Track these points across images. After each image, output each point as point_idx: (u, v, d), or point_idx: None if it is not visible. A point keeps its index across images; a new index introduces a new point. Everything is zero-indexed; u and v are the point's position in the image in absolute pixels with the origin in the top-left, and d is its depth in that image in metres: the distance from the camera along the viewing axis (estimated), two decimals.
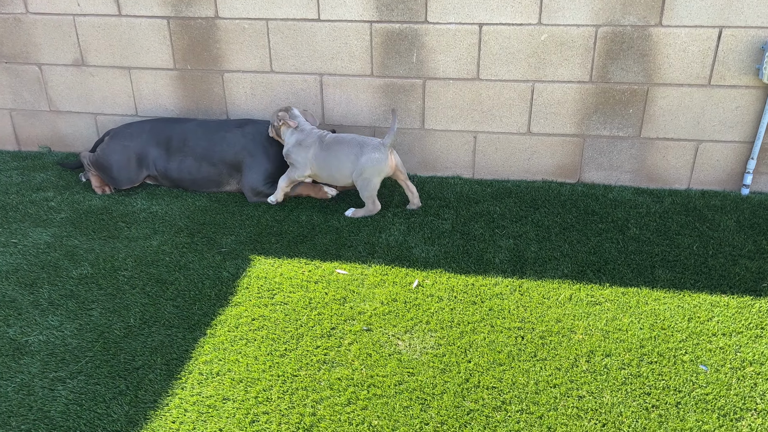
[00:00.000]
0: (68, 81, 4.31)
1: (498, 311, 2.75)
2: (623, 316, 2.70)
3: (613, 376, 2.37)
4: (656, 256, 3.15)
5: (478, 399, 2.27)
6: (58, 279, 3.00)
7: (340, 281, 2.98)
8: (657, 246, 3.24)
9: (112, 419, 2.19)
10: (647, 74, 3.64)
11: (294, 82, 4.03)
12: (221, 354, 2.51)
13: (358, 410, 2.23)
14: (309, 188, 3.82)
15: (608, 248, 3.22)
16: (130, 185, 3.90)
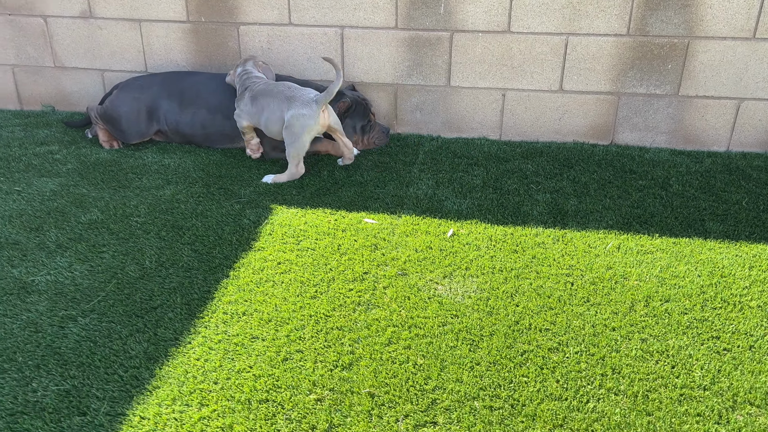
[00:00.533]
0: (75, 34, 4.10)
1: (542, 259, 2.55)
2: (678, 264, 2.50)
3: (676, 320, 2.17)
4: (704, 210, 2.96)
5: (531, 341, 2.07)
6: (65, 223, 2.78)
7: (369, 230, 2.78)
8: (703, 201, 3.05)
9: (130, 355, 1.98)
10: (688, 26, 3.46)
11: (313, 36, 3.83)
12: (246, 295, 2.30)
13: (400, 349, 2.02)
14: (328, 145, 3.63)
15: (651, 203, 3.03)
16: (139, 139, 3.69)
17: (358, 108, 3.63)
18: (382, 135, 3.75)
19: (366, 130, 3.68)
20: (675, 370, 1.94)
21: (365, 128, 3.67)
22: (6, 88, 4.34)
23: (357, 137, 3.66)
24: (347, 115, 3.60)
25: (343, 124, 3.62)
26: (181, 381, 1.88)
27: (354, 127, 3.63)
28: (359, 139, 3.67)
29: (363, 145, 3.71)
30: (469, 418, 1.75)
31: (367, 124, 3.67)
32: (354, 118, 3.62)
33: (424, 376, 1.91)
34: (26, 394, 1.82)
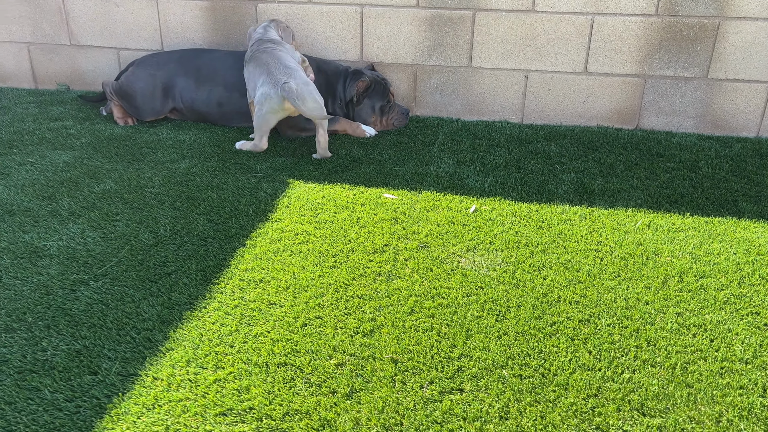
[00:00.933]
0: (91, 12, 4.06)
1: (569, 235, 2.46)
2: (712, 242, 2.40)
3: (712, 296, 2.07)
4: (736, 191, 2.86)
5: (560, 312, 1.98)
6: (78, 193, 2.72)
7: (388, 205, 2.69)
8: (735, 183, 2.94)
9: (143, 318, 1.91)
10: (719, 6, 3.36)
11: (333, 14, 3.76)
12: (263, 263, 2.22)
13: (423, 318, 1.93)
14: (346, 125, 3.55)
15: (681, 184, 2.93)
16: (154, 117, 3.63)
17: (377, 88, 3.55)
18: (402, 116, 3.67)
19: (385, 111, 3.60)
20: (714, 344, 1.84)
21: (384, 109, 3.59)
22: (21, 67, 4.30)
23: (375, 117, 3.58)
24: (366, 94, 3.53)
25: (361, 104, 3.54)
26: (196, 344, 1.80)
27: (373, 107, 3.55)
28: (377, 120, 3.59)
29: (381, 126, 3.63)
30: (498, 385, 1.66)
31: (386, 104, 3.59)
32: (373, 98, 3.55)
33: (449, 344, 1.82)
34: (36, 353, 1.75)
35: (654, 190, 2.86)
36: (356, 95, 3.52)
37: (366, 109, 3.56)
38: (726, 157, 3.27)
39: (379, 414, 1.56)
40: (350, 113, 3.60)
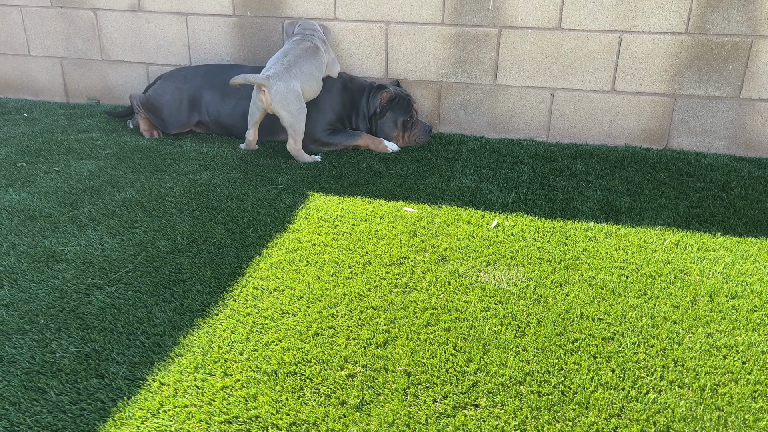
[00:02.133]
0: (123, 27, 4.14)
1: (593, 252, 2.38)
2: (744, 263, 2.30)
3: (745, 317, 1.97)
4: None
5: (582, 329, 1.90)
6: (99, 200, 2.74)
7: (407, 218, 2.65)
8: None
9: (154, 323, 1.88)
10: (752, 24, 3.28)
11: (358, 31, 3.78)
12: (279, 273, 2.19)
13: (439, 331, 1.87)
14: (368, 140, 3.53)
15: (711, 204, 2.83)
16: (179, 129, 3.66)
17: (401, 102, 3.53)
18: (424, 133, 3.64)
19: (407, 126, 3.58)
20: (746, 366, 1.74)
21: (407, 124, 3.57)
22: (54, 81, 4.40)
23: (398, 132, 3.56)
24: (389, 107, 3.51)
25: (384, 117, 3.52)
26: (205, 350, 1.77)
27: (395, 121, 3.53)
28: (399, 135, 3.57)
29: (403, 142, 3.60)
30: (515, 402, 1.59)
31: (408, 119, 3.57)
32: (396, 112, 3.53)
33: (465, 359, 1.75)
34: (44, 354, 1.73)
35: (683, 209, 2.76)
36: (380, 107, 3.50)
37: (388, 123, 3.54)
38: (760, 178, 3.16)
39: (389, 427, 1.50)
40: (373, 128, 3.58)
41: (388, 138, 3.56)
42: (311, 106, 3.46)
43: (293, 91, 3.16)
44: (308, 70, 3.29)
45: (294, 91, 3.16)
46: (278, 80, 3.12)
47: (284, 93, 3.13)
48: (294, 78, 3.19)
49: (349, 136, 3.53)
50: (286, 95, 3.14)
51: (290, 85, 3.16)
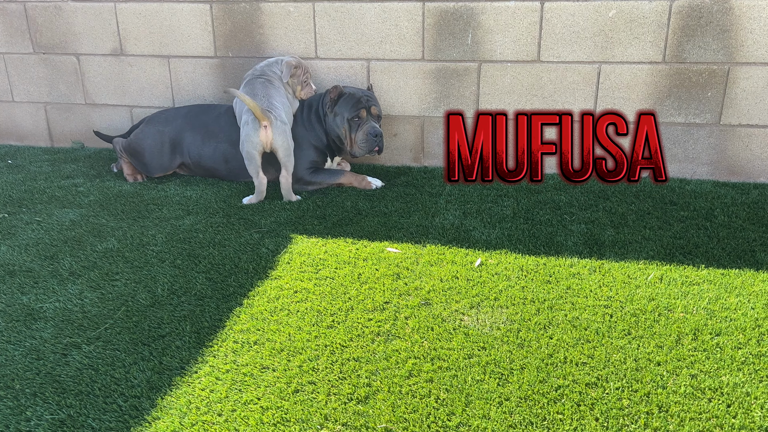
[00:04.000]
0: (105, 71, 4.16)
1: (577, 290, 2.36)
2: (728, 296, 2.29)
3: (729, 355, 1.95)
4: (754, 241, 2.75)
5: (566, 375, 1.87)
6: (81, 252, 2.71)
7: (391, 259, 2.64)
8: (752, 232, 2.83)
9: (131, 384, 1.85)
10: (728, 52, 3.31)
11: (339, 69, 3.80)
12: (259, 324, 2.16)
13: (421, 382, 1.85)
14: (351, 177, 3.53)
15: (695, 234, 2.83)
16: (162, 173, 3.66)
17: (349, 99, 3.42)
18: (368, 137, 3.38)
19: (353, 126, 3.42)
20: (731, 410, 1.72)
21: (353, 123, 3.41)
22: (38, 126, 4.40)
23: (346, 132, 3.43)
24: (336, 102, 3.45)
25: (333, 113, 3.46)
26: (183, 412, 1.74)
27: (342, 117, 3.44)
28: (348, 136, 3.45)
29: (350, 146, 3.46)
30: None
31: (355, 118, 3.40)
32: (342, 108, 3.42)
33: (447, 412, 1.73)
34: (19, 423, 1.70)
35: (667, 240, 2.76)
36: (330, 101, 3.45)
37: (337, 120, 3.44)
38: (743, 204, 3.16)
39: None
40: (329, 129, 3.50)
41: (338, 136, 3.51)
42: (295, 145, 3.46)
43: (287, 123, 3.22)
44: (282, 100, 3.33)
45: (287, 124, 3.24)
46: (276, 115, 3.16)
47: (283, 127, 3.21)
48: (282, 112, 3.26)
49: (332, 175, 3.53)
50: (285, 129, 3.22)
51: (283, 118, 3.23)
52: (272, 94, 3.29)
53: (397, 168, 3.88)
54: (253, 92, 3.27)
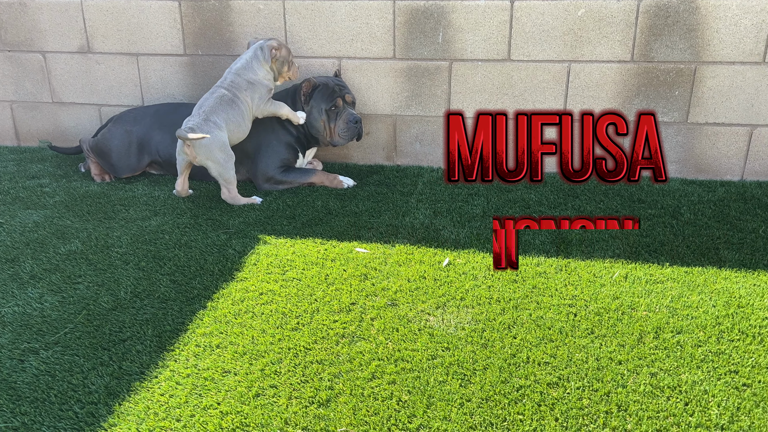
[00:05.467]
0: (73, 69, 4.09)
1: (543, 289, 2.37)
2: (691, 294, 2.31)
3: (689, 353, 1.97)
4: (718, 239, 2.78)
5: (528, 375, 1.88)
6: (43, 254, 2.66)
7: (359, 259, 2.62)
8: (717, 230, 2.87)
9: (89, 390, 1.82)
10: (695, 51, 3.35)
11: (310, 67, 3.77)
12: (223, 327, 2.14)
13: (384, 384, 1.84)
14: (323, 176, 3.51)
15: (662, 231, 2.86)
16: (130, 173, 3.61)
17: (324, 90, 3.42)
18: (349, 125, 3.42)
19: (332, 117, 3.43)
20: (689, 408, 1.73)
21: (330, 114, 3.42)
22: (4, 125, 4.32)
23: (324, 123, 3.44)
24: (311, 96, 3.44)
25: (309, 106, 3.45)
26: (141, 418, 1.71)
27: (320, 110, 3.43)
28: (327, 126, 3.46)
29: (329, 136, 3.47)
30: None
31: (332, 108, 3.41)
32: (318, 101, 3.42)
33: (409, 414, 1.72)
34: None
35: (633, 239, 2.78)
36: (303, 96, 3.43)
37: (314, 113, 3.44)
38: (709, 202, 3.20)
39: None
40: (306, 125, 3.49)
41: (316, 130, 3.48)
42: (262, 146, 3.44)
43: (217, 141, 3.11)
44: (231, 117, 3.20)
45: (218, 141, 3.12)
46: (200, 132, 3.07)
47: (208, 145, 3.08)
48: (215, 127, 3.13)
49: (303, 174, 3.50)
50: (210, 146, 3.09)
51: (213, 135, 3.10)
52: (218, 110, 3.17)
53: (370, 167, 3.87)
54: (201, 103, 3.20)
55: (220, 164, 3.13)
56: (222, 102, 3.19)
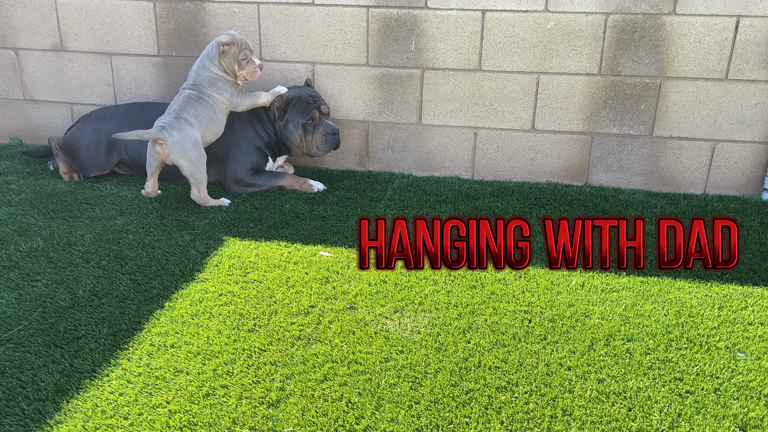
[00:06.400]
0: (45, 67, 4.06)
1: (501, 295, 2.41)
2: (644, 303, 2.36)
3: (637, 361, 2.01)
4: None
5: (478, 379, 1.91)
6: (3, 251, 2.65)
7: (322, 263, 2.64)
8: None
9: (37, 387, 1.81)
10: (660, 67, 3.42)
11: (284, 71, 3.79)
12: (179, 327, 2.14)
13: (335, 386, 1.86)
14: (293, 180, 3.52)
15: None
16: (98, 172, 3.59)
17: (297, 104, 3.44)
18: (327, 137, 3.46)
19: (308, 130, 3.46)
20: (631, 413, 1.77)
21: (307, 127, 3.46)
22: None
23: (300, 136, 3.47)
24: (286, 110, 3.45)
25: (284, 122, 3.47)
26: (88, 416, 1.71)
27: (295, 125, 3.46)
28: (302, 139, 3.49)
29: (306, 148, 3.50)
30: None
31: (309, 122, 3.44)
32: (293, 115, 3.44)
33: (357, 415, 1.74)
34: None
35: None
36: (276, 111, 3.45)
37: (289, 127, 3.47)
38: (671, 213, 3.26)
39: None
40: (278, 135, 3.52)
41: (290, 143, 3.51)
42: (231, 148, 3.45)
43: (190, 138, 3.13)
44: (201, 112, 3.21)
45: (190, 139, 3.13)
46: (172, 129, 3.09)
47: (181, 142, 3.10)
48: (187, 124, 3.14)
49: (273, 177, 3.51)
50: (183, 144, 3.10)
51: (185, 132, 3.12)
52: (188, 108, 3.18)
53: (342, 171, 3.89)
54: (171, 105, 3.22)
55: (193, 163, 3.14)
56: (189, 100, 3.20)
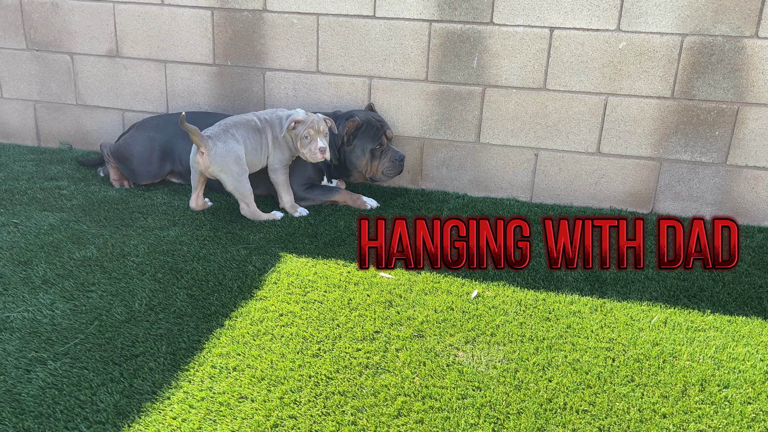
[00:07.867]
0: (100, 73, 4.04)
1: (578, 329, 2.25)
2: (736, 346, 2.18)
3: (738, 410, 1.84)
4: (761, 287, 2.64)
5: (566, 423, 1.75)
6: (57, 259, 2.57)
7: (383, 285, 2.51)
8: (758, 278, 2.73)
9: (97, 408, 1.71)
10: (738, 92, 3.24)
11: (340, 85, 3.70)
12: (240, 348, 2.03)
13: (411, 423, 1.72)
14: (346, 196, 3.41)
15: (699, 275, 2.73)
16: (150, 180, 3.53)
17: (368, 129, 3.37)
18: (394, 163, 3.41)
19: (376, 155, 3.40)
20: None
21: (375, 152, 3.39)
22: (26, 124, 4.27)
23: (366, 161, 3.39)
24: (356, 135, 3.36)
25: (351, 146, 3.37)
26: None
27: (363, 149, 3.38)
28: (368, 164, 3.40)
29: (371, 172, 3.43)
30: None
31: (378, 147, 3.38)
32: (363, 140, 3.36)
33: None
34: None
35: (670, 281, 2.65)
36: (346, 135, 3.36)
37: (356, 152, 3.39)
38: (747, 248, 3.07)
39: None
40: (342, 158, 3.43)
41: (355, 167, 3.41)
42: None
43: (232, 153, 2.99)
44: (250, 138, 3.09)
45: (233, 153, 2.99)
46: (217, 141, 2.98)
47: (223, 155, 2.96)
48: (233, 139, 3.01)
49: (327, 192, 3.41)
50: (225, 157, 2.97)
51: (230, 146, 2.98)
52: (239, 127, 3.06)
53: (394, 189, 3.77)
54: (227, 119, 3.13)
55: (235, 177, 3.02)
56: (247, 123, 3.11)
